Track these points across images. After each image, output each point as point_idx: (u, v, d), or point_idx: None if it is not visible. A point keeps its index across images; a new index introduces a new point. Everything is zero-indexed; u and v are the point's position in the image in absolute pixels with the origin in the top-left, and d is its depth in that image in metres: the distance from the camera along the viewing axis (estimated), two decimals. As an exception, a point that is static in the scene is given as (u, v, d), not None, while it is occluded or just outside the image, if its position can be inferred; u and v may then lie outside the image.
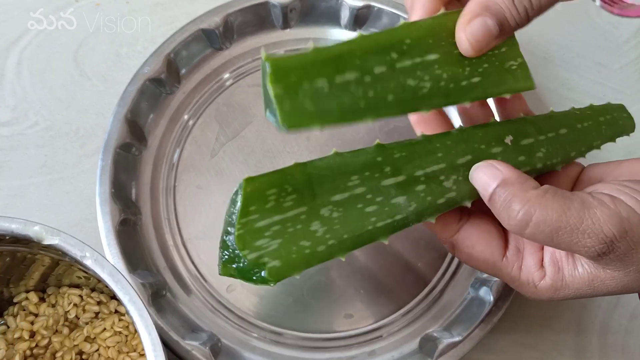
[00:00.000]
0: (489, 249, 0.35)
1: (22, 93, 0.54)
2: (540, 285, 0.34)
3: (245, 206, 0.29)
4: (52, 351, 0.42)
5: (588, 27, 0.61)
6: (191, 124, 0.53)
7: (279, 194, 0.30)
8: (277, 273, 0.30)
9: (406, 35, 0.33)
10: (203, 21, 0.54)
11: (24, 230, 0.35)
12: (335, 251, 0.31)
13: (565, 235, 0.30)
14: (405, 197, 0.32)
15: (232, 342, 0.46)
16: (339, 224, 0.31)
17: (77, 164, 0.52)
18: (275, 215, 0.30)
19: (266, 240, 0.29)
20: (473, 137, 0.35)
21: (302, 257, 0.30)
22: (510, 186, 0.31)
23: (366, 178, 0.32)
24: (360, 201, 0.31)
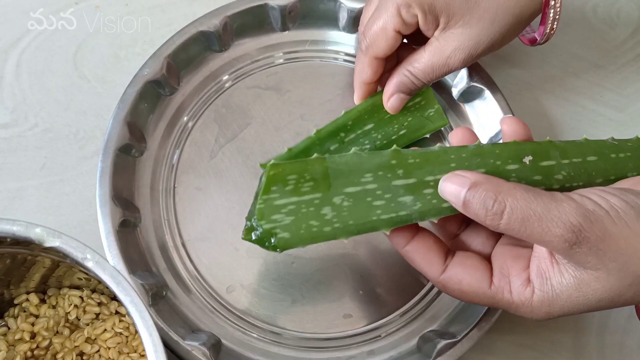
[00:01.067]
0: (475, 281, 0.37)
1: (21, 95, 0.54)
2: (534, 301, 0.35)
3: (267, 186, 0.36)
4: (53, 352, 0.42)
5: (585, 28, 0.61)
6: (190, 126, 0.53)
7: (298, 180, 0.36)
8: (285, 243, 0.36)
9: (348, 119, 0.49)
10: (202, 23, 0.54)
11: (26, 232, 0.35)
12: (339, 233, 0.36)
13: (536, 222, 0.32)
14: (412, 197, 0.37)
15: (232, 343, 0.46)
16: (347, 212, 0.36)
17: (76, 165, 0.52)
18: (293, 197, 0.36)
19: (281, 216, 0.36)
20: (489, 153, 0.38)
21: (309, 234, 0.36)
22: (481, 185, 0.34)
23: (379, 177, 0.36)
24: (370, 195, 0.36)
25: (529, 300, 0.35)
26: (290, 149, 0.47)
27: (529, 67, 0.59)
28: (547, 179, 0.38)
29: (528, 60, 0.59)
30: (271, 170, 0.36)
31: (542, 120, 0.57)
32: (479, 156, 0.38)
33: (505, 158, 0.38)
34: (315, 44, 0.58)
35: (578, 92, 0.59)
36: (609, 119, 0.57)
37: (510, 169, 0.38)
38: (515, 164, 0.38)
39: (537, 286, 0.35)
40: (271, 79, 0.56)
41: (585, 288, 0.34)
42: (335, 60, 0.57)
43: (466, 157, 0.37)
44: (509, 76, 0.58)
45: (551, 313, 0.36)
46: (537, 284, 0.35)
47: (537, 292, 0.35)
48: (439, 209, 0.37)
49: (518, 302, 0.36)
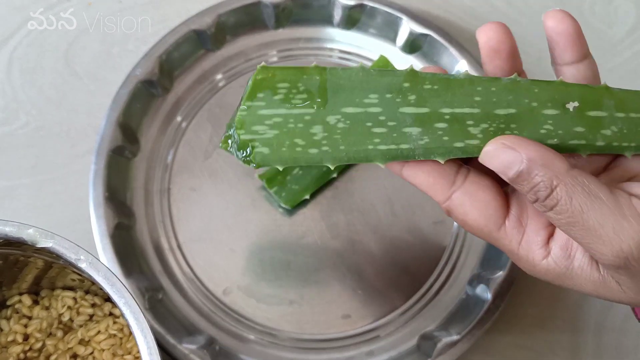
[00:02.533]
0: (482, 218, 0.32)
1: (12, 93, 0.53)
2: (541, 265, 0.32)
3: (253, 91, 0.30)
4: (46, 354, 0.42)
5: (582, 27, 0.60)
6: (184, 126, 0.53)
7: (290, 90, 0.30)
8: (262, 159, 0.30)
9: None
10: (194, 22, 0.53)
11: (18, 233, 0.34)
12: (326, 158, 0.31)
13: (580, 232, 0.29)
14: (420, 129, 0.31)
15: (229, 345, 0.46)
16: (340, 135, 0.31)
17: (68, 164, 0.51)
18: (280, 108, 0.30)
19: (264, 128, 0.30)
20: (526, 92, 0.32)
21: (291, 153, 0.31)
22: (536, 169, 0.29)
23: (386, 100, 0.31)
24: (371, 120, 0.31)
25: (536, 261, 0.32)
26: None
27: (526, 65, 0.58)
28: (591, 133, 0.32)
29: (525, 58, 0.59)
30: (259, 74, 0.30)
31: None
32: (511, 93, 0.31)
33: (544, 100, 0.31)
34: (309, 42, 0.57)
35: (575, 91, 0.58)
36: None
37: (547, 114, 0.31)
38: (554, 108, 0.32)
39: (555, 257, 0.31)
40: (266, 78, 0.55)
41: (604, 289, 0.31)
42: (329, 57, 0.57)
43: (496, 92, 0.31)
44: (506, 75, 0.58)
45: (553, 281, 0.32)
46: (555, 254, 0.31)
47: (549, 261, 0.31)
48: (450, 148, 0.31)
49: (523, 256, 0.32)
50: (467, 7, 0.60)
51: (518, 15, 0.60)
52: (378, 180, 0.51)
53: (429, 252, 0.50)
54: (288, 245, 0.49)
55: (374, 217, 0.50)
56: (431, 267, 0.50)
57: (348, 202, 0.51)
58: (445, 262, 0.50)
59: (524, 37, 0.60)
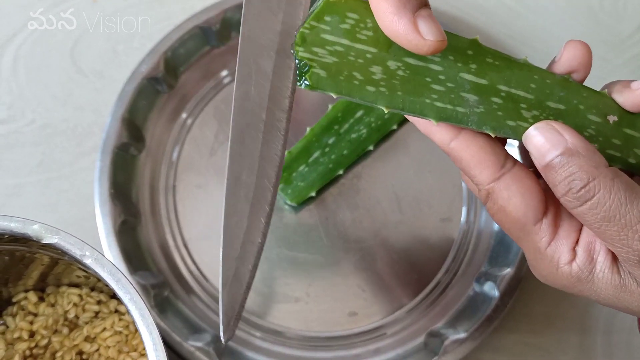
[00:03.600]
0: (524, 207, 0.31)
1: (18, 91, 0.53)
2: (564, 268, 0.31)
3: (321, 12, 0.29)
4: (52, 351, 0.42)
5: (591, 22, 0.60)
6: (190, 123, 0.53)
7: (358, 23, 0.30)
8: (318, 81, 0.29)
9: (337, 111, 0.50)
10: (200, 18, 0.53)
11: (23, 229, 0.34)
12: (381, 99, 0.30)
13: (617, 227, 0.28)
14: (477, 98, 0.31)
15: (235, 342, 0.46)
16: (399, 81, 0.30)
17: (74, 162, 0.51)
18: (345, 38, 0.29)
19: (324, 52, 0.29)
20: (576, 93, 0.32)
21: (348, 84, 0.30)
22: (577, 157, 0.29)
23: (448, 61, 0.31)
24: (431, 76, 0.31)
25: (562, 262, 0.31)
26: (290, 151, 0.48)
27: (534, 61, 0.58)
28: (626, 148, 0.33)
29: (533, 54, 0.58)
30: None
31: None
32: (564, 90, 0.32)
33: (589, 106, 0.32)
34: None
35: (583, 87, 0.58)
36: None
37: (591, 119, 0.32)
38: (597, 116, 0.32)
39: (579, 261, 0.31)
40: (271, 74, 0.55)
41: (625, 294, 0.30)
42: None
43: (550, 84, 0.32)
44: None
45: (568, 288, 0.32)
46: (580, 259, 0.31)
47: (574, 264, 0.31)
48: (502, 124, 0.31)
49: (549, 256, 0.32)
50: (474, 3, 0.59)
51: (525, 11, 0.60)
52: (384, 177, 0.51)
53: (436, 249, 0.50)
54: (294, 242, 0.49)
55: (380, 214, 0.50)
56: (438, 265, 0.50)
57: (354, 199, 0.50)
58: (452, 260, 0.50)
59: (532, 32, 0.59)
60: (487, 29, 0.58)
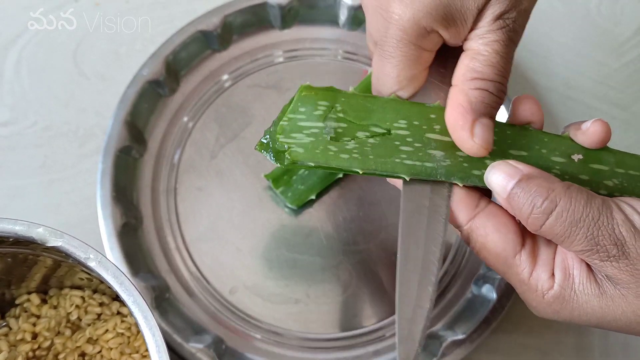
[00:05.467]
0: (503, 242, 0.34)
1: (20, 92, 0.53)
2: (549, 294, 0.33)
3: (296, 106, 0.35)
4: (55, 353, 0.42)
5: (589, 26, 0.61)
6: (191, 126, 0.53)
7: (329, 108, 0.35)
8: (297, 156, 0.34)
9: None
10: (201, 22, 0.53)
11: (28, 232, 0.34)
12: (356, 164, 0.34)
13: (584, 227, 0.31)
14: (443, 153, 0.35)
15: (236, 344, 0.46)
16: (370, 148, 0.34)
17: (76, 164, 0.51)
18: (319, 122, 0.35)
19: (302, 135, 0.34)
20: (536, 138, 0.36)
21: (324, 155, 0.34)
22: (533, 179, 0.32)
23: (414, 126, 0.35)
24: (399, 140, 0.34)
25: (544, 289, 0.33)
26: None
27: (532, 65, 0.59)
28: (595, 182, 0.36)
29: (531, 58, 0.59)
30: (304, 92, 0.35)
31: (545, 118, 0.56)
32: (524, 138, 0.35)
33: (552, 149, 0.35)
34: (315, 42, 0.57)
35: (582, 90, 0.58)
36: (612, 117, 0.57)
37: (556, 161, 0.35)
38: (562, 157, 0.36)
39: (558, 281, 0.33)
40: (271, 78, 0.55)
41: (607, 301, 0.32)
42: (335, 58, 0.57)
43: (511, 134, 0.35)
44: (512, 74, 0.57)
45: (559, 313, 0.34)
46: (558, 279, 0.33)
47: (555, 287, 0.33)
48: (468, 174, 0.34)
49: (533, 286, 0.34)
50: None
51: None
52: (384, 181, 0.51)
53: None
54: (294, 244, 0.49)
55: (379, 217, 0.50)
56: (437, 267, 0.50)
57: (354, 202, 0.51)
58: (450, 262, 0.50)
59: (531, 36, 0.60)
60: (486, 33, 0.59)
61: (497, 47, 0.34)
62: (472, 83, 0.33)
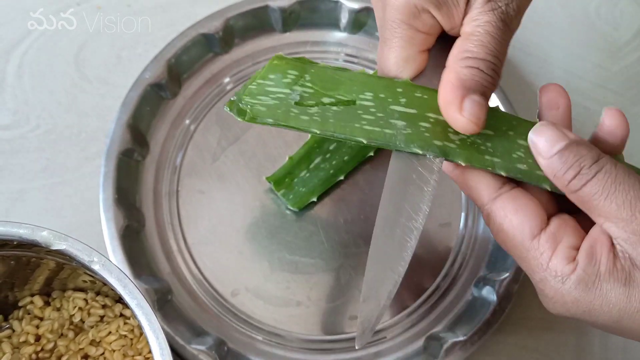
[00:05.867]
0: (519, 223, 0.34)
1: (23, 96, 0.53)
2: (570, 279, 0.32)
3: (266, 72, 0.36)
4: (58, 355, 0.42)
5: (588, 29, 0.61)
6: (193, 129, 0.53)
7: (297, 78, 0.36)
8: (257, 112, 0.35)
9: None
10: (203, 26, 0.54)
11: (32, 235, 0.35)
12: (314, 125, 0.35)
13: (624, 190, 0.31)
14: (405, 123, 0.35)
15: (238, 346, 0.46)
16: (332, 113, 0.35)
17: (78, 167, 0.52)
18: (286, 89, 0.36)
19: (267, 98, 0.36)
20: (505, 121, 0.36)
21: (284, 114, 0.35)
22: (583, 145, 0.32)
23: (379, 99, 0.35)
24: (363, 110, 0.35)
25: (564, 276, 0.32)
26: (291, 157, 0.49)
27: (532, 68, 0.59)
28: None
29: (531, 61, 0.59)
30: (275, 60, 0.36)
31: (544, 121, 0.57)
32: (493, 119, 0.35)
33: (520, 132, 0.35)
34: (316, 45, 0.57)
35: (581, 94, 0.59)
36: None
37: (521, 143, 0.35)
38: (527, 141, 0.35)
39: (582, 266, 0.32)
40: (273, 81, 0.55)
41: (633, 290, 0.31)
42: (336, 61, 0.57)
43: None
44: (512, 77, 0.58)
45: (577, 303, 0.32)
46: (582, 263, 0.32)
47: (577, 271, 0.32)
48: (429, 143, 0.35)
49: (551, 271, 0.32)
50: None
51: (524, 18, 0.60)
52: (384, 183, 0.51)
53: (435, 254, 0.50)
54: (295, 247, 0.50)
55: (380, 219, 0.51)
56: (437, 269, 0.50)
57: (355, 204, 0.51)
58: (451, 264, 0.50)
59: (530, 39, 0.60)
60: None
61: (489, 28, 0.34)
62: (463, 62, 0.34)
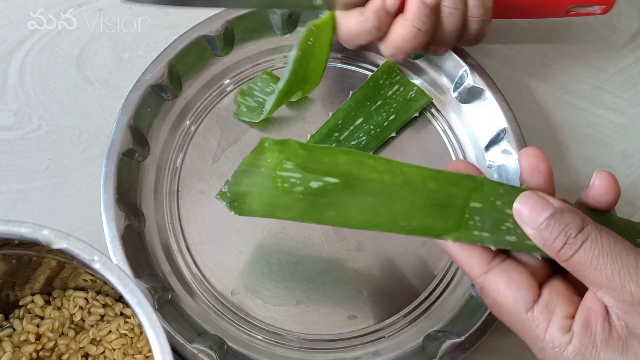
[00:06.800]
0: (514, 298, 0.34)
1: (24, 97, 0.54)
2: (567, 350, 0.32)
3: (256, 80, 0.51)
4: (58, 354, 0.42)
5: (586, 31, 0.61)
6: (193, 130, 0.53)
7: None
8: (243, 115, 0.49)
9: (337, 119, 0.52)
10: (204, 27, 0.54)
11: (33, 234, 0.35)
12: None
13: (612, 260, 0.32)
14: None
15: (237, 345, 0.47)
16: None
17: (80, 167, 0.52)
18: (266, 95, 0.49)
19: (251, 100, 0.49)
20: (493, 191, 0.36)
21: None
22: (568, 212, 0.33)
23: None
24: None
25: (562, 346, 0.32)
26: None
27: (530, 70, 0.59)
28: None
29: (529, 63, 0.60)
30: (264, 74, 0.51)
31: (542, 122, 0.57)
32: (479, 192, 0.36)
33: (508, 201, 0.36)
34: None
35: (579, 95, 0.59)
36: (609, 122, 0.58)
37: (509, 213, 0.35)
38: None
39: (578, 336, 0.32)
40: (273, 82, 0.56)
41: (631, 358, 0.31)
42: (335, 62, 0.57)
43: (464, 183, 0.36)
44: (510, 79, 0.59)
45: None
46: (578, 334, 0.32)
47: (574, 342, 0.32)
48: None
49: (549, 342, 0.33)
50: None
51: (521, 20, 0.60)
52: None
53: (433, 253, 0.51)
54: (295, 246, 0.50)
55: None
56: (436, 269, 0.50)
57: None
58: (449, 264, 0.50)
59: (528, 41, 0.60)
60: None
61: None
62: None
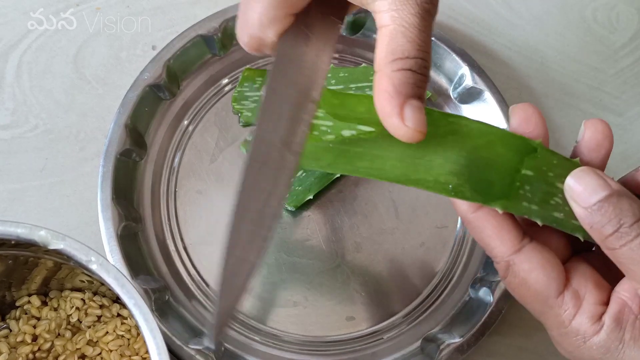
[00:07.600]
0: (546, 279, 0.31)
1: (21, 96, 0.53)
2: (593, 340, 0.31)
3: (241, 82, 0.54)
4: (55, 355, 0.42)
5: (584, 33, 0.61)
6: (191, 130, 0.53)
7: (263, 81, 0.47)
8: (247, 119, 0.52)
9: None
10: (202, 27, 0.54)
11: (30, 234, 0.35)
12: None
13: None
14: None
15: (234, 346, 0.46)
16: None
17: (77, 167, 0.52)
18: (258, 92, 0.52)
19: (248, 102, 0.53)
20: (545, 160, 0.32)
21: None
22: (625, 197, 0.30)
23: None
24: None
25: (587, 336, 0.31)
26: None
27: (529, 71, 0.59)
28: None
29: (528, 63, 0.60)
30: (245, 72, 0.54)
31: (541, 124, 0.57)
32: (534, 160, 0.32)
33: (559, 174, 0.32)
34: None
35: (577, 96, 0.59)
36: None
37: (560, 187, 0.32)
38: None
39: (607, 330, 0.31)
40: (271, 82, 0.55)
41: None
42: (333, 61, 0.57)
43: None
44: (509, 79, 0.59)
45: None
46: (608, 327, 0.31)
47: (602, 334, 0.31)
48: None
49: (574, 329, 0.31)
50: (469, 13, 0.60)
51: (521, 22, 0.60)
52: (382, 184, 0.52)
53: (432, 255, 0.51)
54: (292, 247, 0.50)
55: (377, 220, 0.51)
56: (434, 270, 0.50)
57: (352, 205, 0.51)
58: (448, 265, 0.50)
59: (527, 42, 0.60)
60: (483, 39, 0.59)
61: (413, 20, 0.29)
62: (393, 65, 0.29)
